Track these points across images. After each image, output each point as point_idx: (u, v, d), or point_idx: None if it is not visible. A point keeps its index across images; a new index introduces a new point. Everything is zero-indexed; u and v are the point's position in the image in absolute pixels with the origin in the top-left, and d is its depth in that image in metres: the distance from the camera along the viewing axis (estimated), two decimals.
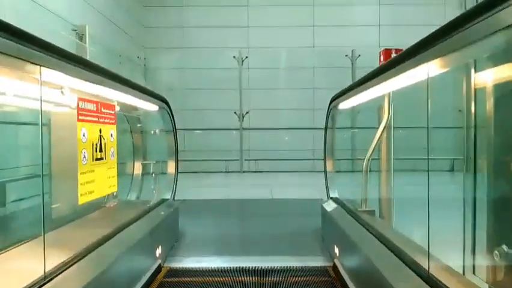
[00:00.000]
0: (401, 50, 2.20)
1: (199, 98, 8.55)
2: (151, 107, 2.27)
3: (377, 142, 2.12)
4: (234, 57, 7.02)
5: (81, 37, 5.28)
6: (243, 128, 6.96)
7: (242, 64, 6.99)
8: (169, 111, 2.59)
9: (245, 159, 6.93)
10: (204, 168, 7.31)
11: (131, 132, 2.59)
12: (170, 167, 2.72)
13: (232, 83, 7.33)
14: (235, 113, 6.92)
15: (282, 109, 8.72)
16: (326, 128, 2.71)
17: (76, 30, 5.20)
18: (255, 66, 8.50)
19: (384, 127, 2.07)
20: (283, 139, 8.48)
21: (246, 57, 6.99)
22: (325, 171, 2.73)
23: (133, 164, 2.65)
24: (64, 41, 4.97)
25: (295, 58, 8.81)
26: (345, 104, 2.27)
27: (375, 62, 8.31)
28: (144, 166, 2.67)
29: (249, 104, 8.48)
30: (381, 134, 2.09)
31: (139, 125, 2.59)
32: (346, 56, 6.95)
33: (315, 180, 6.06)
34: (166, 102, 2.52)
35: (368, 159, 2.12)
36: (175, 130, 2.69)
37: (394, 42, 8.57)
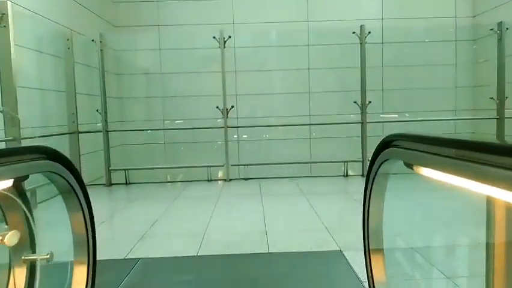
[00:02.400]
0: None
1: (179, 84, 7.54)
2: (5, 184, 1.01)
3: None
4: (214, 37, 5.66)
5: (1, 17, 3.87)
6: (228, 126, 5.67)
7: (224, 46, 5.63)
8: (69, 174, 1.30)
9: (231, 165, 5.68)
10: (184, 177, 6.07)
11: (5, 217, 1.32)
12: (77, 279, 1.41)
13: (217, 65, 6.04)
14: (217, 107, 5.61)
15: (274, 94, 7.72)
16: (367, 196, 1.46)
17: None
18: (241, 45, 7.48)
19: None
20: (275, 134, 7.40)
21: (229, 37, 5.64)
22: (369, 279, 1.46)
23: (10, 271, 1.38)
24: None
25: (287, 35, 7.81)
26: (428, 171, 0.99)
27: (378, 37, 7.29)
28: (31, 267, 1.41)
29: (235, 89, 7.52)
30: None
31: (21, 205, 1.31)
32: (353, 33, 5.64)
33: (316, 192, 4.89)
34: (57, 158, 1.24)
35: None
36: (85, 205, 1.39)
37: (399, 14, 7.54)
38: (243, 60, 7.60)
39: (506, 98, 5.69)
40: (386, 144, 1.26)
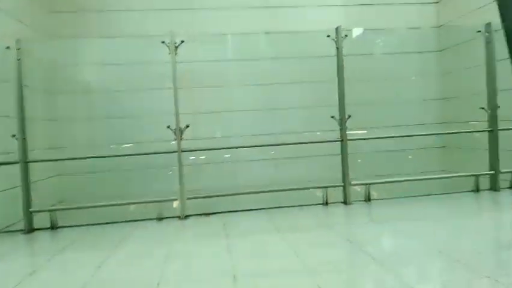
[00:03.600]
0: None
1: (128, 103, 6.58)
2: None
3: None
4: (163, 42, 4.64)
5: None
6: (182, 150, 4.60)
7: (176, 52, 4.62)
8: None
9: (188, 198, 4.58)
10: (130, 215, 4.91)
11: None
12: None
13: (171, 79, 4.97)
14: (168, 127, 4.54)
15: (236, 111, 6.89)
16: None
17: None
18: (196, 59, 6.66)
19: None
20: (239, 157, 6.50)
21: (182, 41, 4.64)
22: None
23: None
24: None
25: (248, 47, 7.08)
26: None
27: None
28: None
29: (192, 107, 6.63)
30: None
31: None
32: (328, 36, 4.82)
33: (297, 231, 3.90)
34: None
35: None
36: None
37: (361, 25, 6.97)
38: (199, 75, 6.73)
39: (498, 107, 5.04)
40: None
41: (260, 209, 4.78)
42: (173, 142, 4.71)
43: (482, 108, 5.12)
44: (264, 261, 2.91)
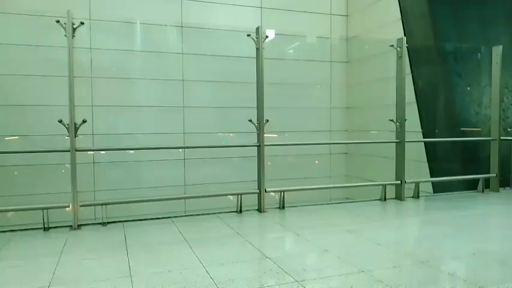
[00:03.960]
0: None
1: (13, 89, 5.75)
2: None
3: None
4: (59, 22, 3.92)
5: None
6: (77, 150, 3.93)
7: (73, 35, 3.94)
8: None
9: (81, 205, 3.93)
10: (10, 222, 4.11)
11: None
12: None
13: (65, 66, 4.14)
14: (60, 121, 3.83)
15: (140, 106, 6.33)
16: None
17: None
18: (99, 46, 5.97)
19: None
20: (144, 157, 5.97)
21: (82, 23, 3.97)
22: None
23: None
24: None
25: (156, 39, 6.56)
26: None
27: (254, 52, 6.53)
28: None
29: (91, 99, 5.96)
30: None
31: None
32: (248, 35, 4.54)
33: (209, 245, 3.51)
34: None
35: None
36: None
37: (278, 30, 6.93)
38: (101, 64, 6.05)
39: (406, 120, 5.25)
40: None
41: (168, 217, 4.31)
42: (67, 138, 4.01)
43: (391, 120, 5.28)
44: (173, 285, 2.50)
